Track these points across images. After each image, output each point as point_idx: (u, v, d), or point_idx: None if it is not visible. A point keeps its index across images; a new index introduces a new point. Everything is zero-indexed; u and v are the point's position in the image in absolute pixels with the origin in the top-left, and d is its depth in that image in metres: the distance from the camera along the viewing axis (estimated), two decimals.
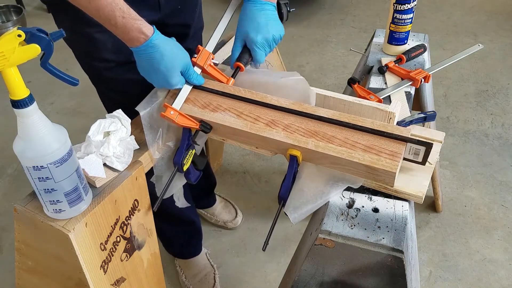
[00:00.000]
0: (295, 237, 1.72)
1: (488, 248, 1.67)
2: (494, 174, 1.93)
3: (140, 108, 0.98)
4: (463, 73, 2.50)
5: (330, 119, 0.91)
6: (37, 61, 0.73)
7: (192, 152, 1.02)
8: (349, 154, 0.85)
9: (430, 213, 1.80)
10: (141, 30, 0.88)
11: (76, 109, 2.39)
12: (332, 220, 0.83)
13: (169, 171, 1.05)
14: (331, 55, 2.70)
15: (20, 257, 0.98)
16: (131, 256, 1.02)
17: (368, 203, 0.86)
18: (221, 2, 3.08)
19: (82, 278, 0.89)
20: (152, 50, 0.90)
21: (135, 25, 0.88)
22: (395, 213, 0.84)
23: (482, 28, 2.84)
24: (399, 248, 0.78)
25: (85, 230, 0.86)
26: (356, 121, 0.90)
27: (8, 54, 0.68)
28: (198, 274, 1.59)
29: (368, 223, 0.82)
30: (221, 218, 1.77)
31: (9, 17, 2.99)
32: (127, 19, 0.87)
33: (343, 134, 0.88)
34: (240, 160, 2.06)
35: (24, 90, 0.72)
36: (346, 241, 0.81)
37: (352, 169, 0.86)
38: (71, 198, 0.83)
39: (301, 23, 2.98)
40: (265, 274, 1.64)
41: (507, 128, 2.15)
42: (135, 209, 0.99)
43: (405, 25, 1.24)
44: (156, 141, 1.01)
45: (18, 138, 0.76)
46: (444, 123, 2.19)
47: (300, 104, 0.95)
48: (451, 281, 1.58)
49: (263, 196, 1.90)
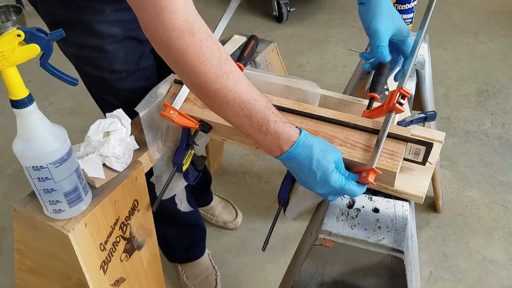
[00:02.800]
0: (295, 237, 1.72)
1: (488, 248, 1.67)
2: (494, 174, 1.93)
3: (140, 108, 0.98)
4: (464, 73, 2.50)
5: (331, 119, 0.90)
6: (37, 61, 0.73)
7: (191, 152, 1.02)
8: (350, 154, 0.85)
9: (431, 213, 1.80)
10: (291, 133, 0.76)
11: (76, 109, 2.39)
12: (332, 220, 0.83)
13: (168, 171, 1.05)
14: (331, 55, 2.69)
15: (20, 257, 0.98)
16: (130, 257, 1.02)
17: (369, 203, 0.86)
18: (221, 2, 3.08)
19: (81, 279, 0.89)
20: (301, 151, 0.77)
21: (286, 129, 0.76)
22: (396, 213, 0.84)
23: (483, 28, 2.84)
24: (399, 249, 0.78)
25: (84, 230, 0.86)
26: (357, 120, 0.90)
27: (8, 54, 0.68)
28: (199, 275, 1.59)
29: (369, 223, 0.82)
30: (221, 219, 1.77)
31: (8, 16, 2.99)
32: (278, 123, 0.76)
33: (344, 134, 0.88)
34: (240, 160, 2.06)
35: (23, 90, 0.71)
36: (346, 241, 0.81)
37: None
38: (71, 198, 0.82)
39: (301, 22, 2.98)
40: (265, 274, 1.64)
41: (508, 128, 2.15)
42: (135, 209, 0.99)
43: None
44: (156, 141, 1.01)
45: (17, 138, 0.75)
46: (445, 123, 2.18)
47: (300, 104, 0.95)
48: (451, 281, 1.58)
49: (263, 196, 1.90)
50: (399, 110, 0.85)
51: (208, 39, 0.72)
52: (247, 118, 0.75)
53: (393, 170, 0.82)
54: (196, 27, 0.70)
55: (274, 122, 0.75)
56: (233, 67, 0.74)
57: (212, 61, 0.72)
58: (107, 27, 1.01)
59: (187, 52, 0.70)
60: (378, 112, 0.89)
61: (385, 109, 0.87)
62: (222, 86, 0.73)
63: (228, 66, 0.73)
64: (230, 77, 0.73)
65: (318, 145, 0.77)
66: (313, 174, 0.77)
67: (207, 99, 0.77)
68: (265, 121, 0.75)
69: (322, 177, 0.76)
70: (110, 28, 1.01)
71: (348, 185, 0.77)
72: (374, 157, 0.81)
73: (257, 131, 0.76)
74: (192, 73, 0.72)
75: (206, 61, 0.71)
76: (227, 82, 0.73)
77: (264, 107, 0.75)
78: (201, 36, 0.71)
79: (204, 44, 0.71)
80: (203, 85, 0.73)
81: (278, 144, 0.76)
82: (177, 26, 0.69)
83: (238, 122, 0.77)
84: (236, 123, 0.78)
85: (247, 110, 0.75)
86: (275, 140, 0.76)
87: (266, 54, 1.31)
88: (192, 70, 0.72)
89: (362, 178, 0.79)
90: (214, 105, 0.77)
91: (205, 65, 0.71)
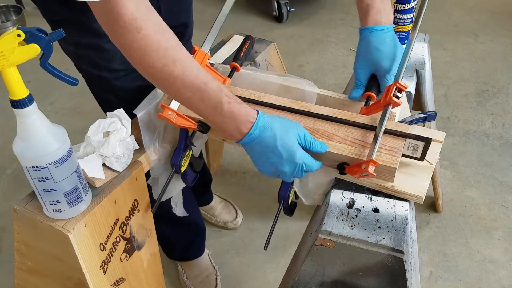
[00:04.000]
0: (295, 237, 1.72)
1: (488, 248, 1.67)
2: (494, 174, 1.93)
3: (138, 111, 0.98)
4: (464, 73, 2.50)
5: (329, 117, 0.91)
6: (37, 61, 0.73)
7: (189, 153, 1.02)
8: (349, 151, 0.85)
9: (431, 213, 1.80)
10: (247, 113, 0.79)
11: (76, 109, 2.39)
12: (332, 220, 0.83)
13: (166, 173, 1.05)
14: (331, 55, 2.69)
15: (20, 257, 0.98)
16: (130, 257, 1.02)
17: (369, 203, 0.86)
18: (221, 2, 3.08)
19: (81, 279, 0.89)
20: (262, 131, 0.79)
21: (242, 110, 0.79)
22: (396, 213, 0.84)
23: (483, 28, 2.84)
24: (399, 248, 0.78)
25: (84, 230, 0.86)
26: (355, 118, 0.90)
27: (8, 54, 0.68)
28: (199, 275, 1.59)
29: (368, 223, 0.82)
30: (221, 219, 1.77)
31: (8, 16, 2.99)
32: (232, 103, 0.78)
33: (342, 131, 0.89)
34: (240, 160, 2.06)
35: (23, 90, 0.71)
36: (346, 241, 0.81)
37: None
38: (71, 198, 0.82)
39: (301, 22, 2.97)
40: (265, 274, 1.64)
41: (508, 128, 2.15)
42: (135, 210, 0.99)
43: (405, 24, 1.24)
44: (153, 142, 1.01)
45: (17, 138, 0.75)
46: (445, 123, 2.18)
47: (298, 102, 0.95)
48: (451, 281, 1.58)
49: (263, 196, 1.90)
50: (396, 103, 0.86)
51: (156, 33, 0.74)
52: (201, 101, 0.78)
53: (392, 166, 0.83)
54: (144, 23, 0.73)
55: (228, 104, 0.78)
56: (181, 55, 0.76)
57: (158, 52, 0.74)
58: None
59: (132, 48, 0.74)
60: (375, 108, 0.90)
61: (382, 103, 0.88)
62: (168, 75, 0.76)
63: (175, 54, 0.76)
64: (177, 64, 0.75)
65: (279, 124, 0.80)
66: (278, 154, 0.79)
67: (161, 88, 0.81)
68: (218, 103, 0.78)
69: (288, 155, 0.79)
70: None
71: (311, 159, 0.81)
72: (373, 149, 0.83)
73: (212, 114, 0.79)
74: (141, 66, 0.76)
75: (152, 53, 0.74)
76: (174, 70, 0.75)
77: (215, 90, 0.78)
78: (147, 31, 0.73)
79: (151, 38, 0.73)
80: (153, 76, 0.77)
81: (235, 126, 0.79)
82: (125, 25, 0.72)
83: (195, 107, 0.80)
84: (192, 108, 0.81)
85: (199, 94, 0.77)
86: (232, 122, 0.78)
87: (266, 54, 1.31)
88: (140, 63, 0.76)
89: (362, 170, 0.80)
90: (170, 94, 0.82)
91: (150, 57, 0.74)
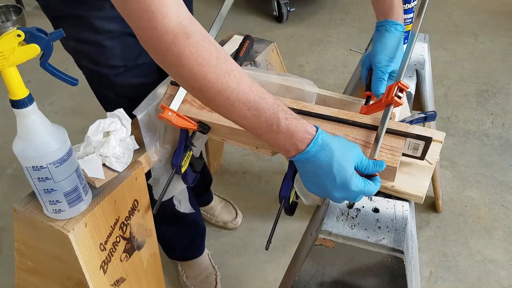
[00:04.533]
0: (295, 237, 1.72)
1: (488, 248, 1.67)
2: (494, 174, 1.93)
3: (138, 111, 0.98)
4: (464, 73, 2.50)
5: (329, 116, 0.91)
6: (37, 61, 0.73)
7: (189, 154, 1.02)
8: None
9: (431, 213, 1.80)
10: (306, 130, 0.71)
11: (76, 109, 2.39)
12: (332, 220, 0.83)
13: (167, 174, 1.05)
14: (331, 55, 2.69)
15: (20, 257, 0.98)
16: (130, 257, 1.02)
17: (369, 203, 0.86)
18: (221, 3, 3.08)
19: (81, 279, 0.89)
20: (319, 150, 0.71)
21: (300, 126, 0.71)
22: (396, 213, 0.84)
23: (483, 28, 2.84)
24: (399, 248, 0.78)
25: (84, 230, 0.86)
26: (355, 117, 0.90)
27: (8, 54, 0.68)
28: (199, 275, 1.59)
29: (368, 223, 0.82)
30: (221, 219, 1.77)
31: (8, 16, 2.99)
32: (290, 119, 0.71)
33: (343, 131, 0.89)
34: (240, 160, 2.06)
35: (23, 90, 0.71)
36: (346, 241, 0.81)
37: None
38: (71, 198, 0.82)
39: (301, 22, 2.97)
40: (265, 274, 1.64)
41: (508, 128, 2.15)
42: (135, 210, 0.99)
43: (405, 24, 1.23)
44: (154, 143, 1.01)
45: (17, 138, 0.75)
46: (445, 123, 2.18)
47: (298, 102, 0.95)
48: (451, 281, 1.58)
49: (263, 196, 1.90)
50: (398, 103, 0.85)
51: (204, 40, 0.69)
52: (256, 118, 0.71)
53: (393, 165, 0.83)
54: (191, 29, 0.68)
55: (285, 119, 0.71)
56: (234, 66, 0.71)
57: (211, 61, 0.68)
58: (105, 23, 1.01)
59: (183, 55, 0.67)
60: (376, 107, 0.90)
61: (383, 103, 0.88)
62: (224, 87, 0.69)
63: (228, 65, 0.70)
64: (232, 76, 0.69)
65: (338, 144, 0.72)
66: (331, 177, 0.71)
67: (211, 103, 0.73)
68: (275, 119, 0.70)
69: (342, 181, 0.71)
70: (109, 24, 1.02)
71: (367, 186, 0.73)
72: (375, 149, 0.82)
73: (268, 131, 0.72)
74: (191, 77, 0.69)
75: (204, 62, 0.68)
76: (229, 82, 0.69)
77: (272, 104, 0.71)
78: (197, 37, 0.68)
79: (201, 45, 0.68)
80: (204, 88, 0.70)
81: (292, 142, 0.71)
82: (170, 29, 0.66)
83: (247, 124, 0.72)
84: (245, 125, 0.73)
85: (254, 109, 0.70)
86: (289, 138, 0.71)
87: (266, 54, 1.31)
88: (190, 74, 0.69)
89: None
90: (220, 109, 0.73)
91: (204, 67, 0.68)
